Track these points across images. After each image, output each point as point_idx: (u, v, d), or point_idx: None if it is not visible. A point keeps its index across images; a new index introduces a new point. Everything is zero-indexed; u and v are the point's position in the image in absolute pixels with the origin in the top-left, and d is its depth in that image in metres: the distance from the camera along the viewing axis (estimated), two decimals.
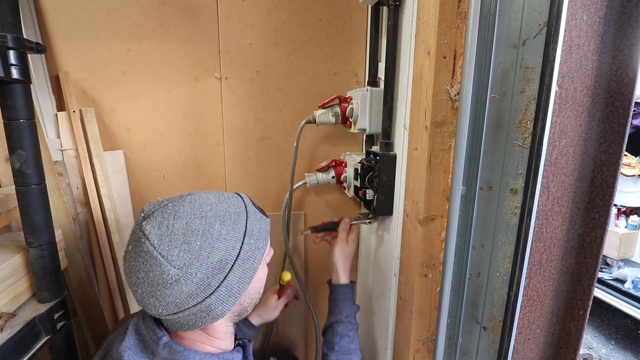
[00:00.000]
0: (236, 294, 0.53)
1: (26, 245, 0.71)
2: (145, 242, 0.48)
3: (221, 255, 0.51)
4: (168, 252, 0.48)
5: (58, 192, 0.87)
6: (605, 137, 0.58)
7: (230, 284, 0.52)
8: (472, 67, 0.62)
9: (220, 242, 0.51)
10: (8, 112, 0.65)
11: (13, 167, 0.67)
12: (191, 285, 0.48)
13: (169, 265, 0.48)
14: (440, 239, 0.74)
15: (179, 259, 0.48)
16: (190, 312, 0.50)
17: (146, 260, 0.48)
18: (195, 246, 0.49)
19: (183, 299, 0.49)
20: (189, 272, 0.48)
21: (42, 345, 0.69)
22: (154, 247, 0.48)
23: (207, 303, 0.50)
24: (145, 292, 0.49)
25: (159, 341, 0.53)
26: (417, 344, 0.81)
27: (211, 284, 0.50)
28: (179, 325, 0.53)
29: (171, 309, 0.50)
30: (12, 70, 0.63)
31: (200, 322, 0.53)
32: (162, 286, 0.48)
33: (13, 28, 0.63)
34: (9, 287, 0.68)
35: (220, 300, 0.52)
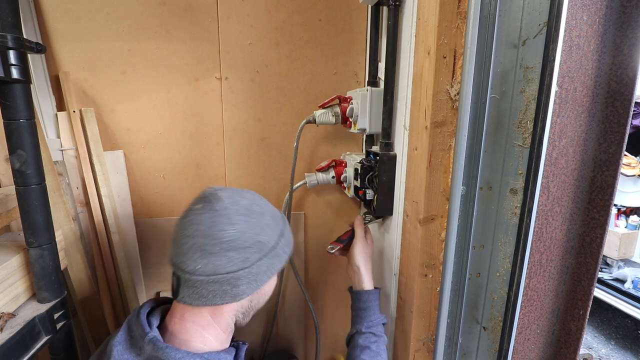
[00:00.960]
0: (260, 280, 0.58)
1: (26, 245, 0.71)
2: (218, 202, 0.56)
3: (265, 239, 0.57)
4: (232, 217, 0.55)
5: (58, 192, 0.87)
6: (605, 137, 0.58)
7: (260, 268, 0.57)
8: (472, 67, 0.62)
9: (268, 229, 0.59)
10: (8, 112, 0.65)
11: (13, 167, 0.67)
12: (236, 252, 0.54)
13: (230, 226, 0.54)
14: (440, 239, 0.74)
15: (239, 225, 0.55)
16: (221, 279, 0.54)
17: (212, 216, 0.54)
18: (253, 222, 0.57)
19: (223, 263, 0.54)
20: (241, 238, 0.55)
21: (42, 345, 0.69)
22: (224, 208, 0.55)
23: (238, 275, 0.55)
24: (197, 245, 0.54)
25: (145, 337, 0.54)
26: (417, 344, 0.81)
27: (249, 259, 0.55)
28: (198, 295, 0.55)
29: (208, 270, 0.53)
30: (12, 70, 0.63)
31: (220, 297, 0.55)
32: (216, 242, 0.53)
33: (13, 28, 0.63)
34: (9, 287, 0.68)
35: (247, 279, 0.56)
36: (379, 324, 0.79)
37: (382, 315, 0.80)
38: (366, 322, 0.78)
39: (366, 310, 0.79)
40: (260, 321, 1.19)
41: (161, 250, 1.06)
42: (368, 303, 0.80)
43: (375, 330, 0.77)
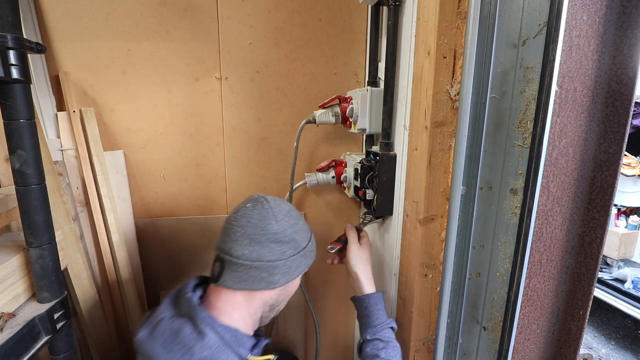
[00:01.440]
0: (291, 274, 0.68)
1: (26, 245, 0.71)
2: (266, 203, 0.68)
3: (299, 239, 0.69)
4: (277, 215, 0.67)
5: (58, 192, 0.87)
6: (605, 137, 0.58)
7: (293, 263, 0.67)
8: (472, 67, 0.62)
9: (301, 232, 0.70)
10: (8, 112, 0.65)
11: (13, 167, 0.67)
12: (276, 244, 0.65)
13: (275, 222, 0.66)
14: (440, 239, 0.74)
15: (282, 222, 0.67)
16: (261, 266, 0.64)
17: (262, 212, 0.66)
18: (292, 222, 0.68)
19: (266, 252, 0.64)
20: (283, 234, 0.66)
21: (42, 345, 0.69)
22: (271, 208, 0.67)
23: (275, 264, 0.65)
24: (246, 234, 0.64)
25: (185, 295, 0.65)
26: (417, 344, 0.81)
27: (286, 253, 0.66)
28: (239, 279, 0.64)
29: (253, 256, 0.64)
30: (12, 70, 0.63)
31: (257, 283, 0.65)
32: (263, 233, 0.64)
33: (13, 28, 0.62)
34: (9, 287, 0.67)
35: (282, 270, 0.66)
36: (384, 328, 0.76)
37: (388, 319, 0.78)
38: (371, 329, 0.76)
39: (369, 316, 0.77)
40: None
41: (161, 250, 1.06)
42: (370, 308, 0.78)
43: (381, 335, 0.74)
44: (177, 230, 1.06)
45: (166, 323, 0.62)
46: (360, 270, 0.81)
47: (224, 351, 0.60)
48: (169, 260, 1.08)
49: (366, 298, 0.79)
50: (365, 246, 0.85)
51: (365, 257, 0.83)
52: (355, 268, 0.82)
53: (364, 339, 0.76)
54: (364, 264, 0.82)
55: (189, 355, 0.57)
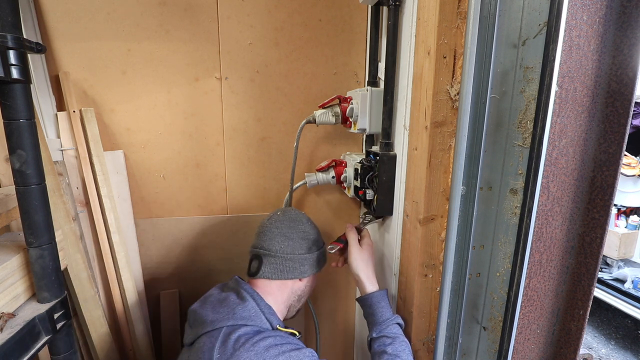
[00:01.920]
0: (315, 267, 0.85)
1: (26, 245, 0.71)
2: (294, 211, 0.89)
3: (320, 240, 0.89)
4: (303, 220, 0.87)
5: (58, 192, 0.87)
6: (605, 137, 0.58)
7: (317, 257, 0.85)
8: (472, 67, 0.62)
9: (320, 235, 0.90)
10: (8, 112, 0.65)
11: (13, 167, 0.67)
12: (305, 241, 0.84)
13: (304, 224, 0.86)
14: (440, 239, 0.74)
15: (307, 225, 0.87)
16: (294, 258, 0.81)
17: (292, 217, 0.86)
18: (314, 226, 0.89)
19: (297, 246, 0.82)
20: (309, 232, 0.86)
21: (42, 345, 0.69)
22: (298, 214, 0.88)
23: (305, 257, 0.82)
24: (282, 233, 0.82)
25: (234, 277, 0.83)
26: (417, 344, 0.81)
27: (312, 248, 0.85)
28: (273, 270, 0.80)
29: (288, 250, 0.81)
30: (12, 70, 0.63)
31: (291, 272, 0.81)
32: (295, 231, 0.83)
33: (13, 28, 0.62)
34: (9, 287, 0.67)
35: (309, 262, 0.83)
36: (390, 324, 0.76)
37: (393, 315, 0.79)
38: (376, 327, 0.77)
39: (374, 314, 0.78)
40: None
41: (161, 250, 1.07)
42: (373, 307, 0.79)
43: (387, 332, 0.75)
44: (177, 230, 1.06)
45: (215, 295, 0.78)
46: (362, 271, 0.82)
47: (259, 316, 0.73)
48: (169, 260, 1.08)
49: (369, 297, 0.80)
50: (366, 246, 0.86)
51: (366, 258, 0.84)
52: (357, 270, 0.82)
53: (371, 337, 0.77)
54: (365, 265, 0.83)
55: (232, 313, 0.71)
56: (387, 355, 0.72)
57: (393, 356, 0.71)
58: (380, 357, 0.72)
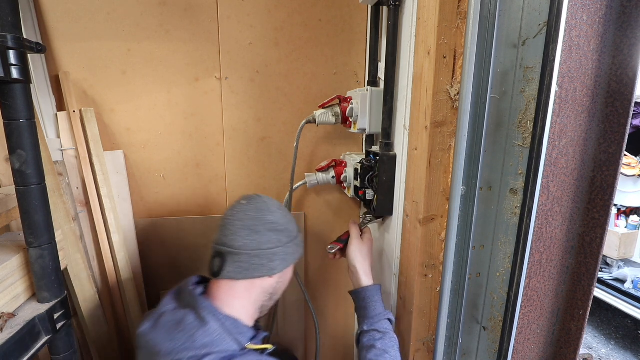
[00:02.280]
0: (287, 261, 0.73)
1: (26, 245, 0.71)
2: (260, 198, 0.74)
3: (292, 228, 0.75)
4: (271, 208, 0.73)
5: (58, 192, 0.87)
6: (605, 137, 0.58)
7: (289, 250, 0.73)
8: (472, 67, 0.62)
9: (292, 223, 0.76)
10: (8, 112, 0.65)
11: (13, 167, 0.67)
12: (272, 234, 0.70)
13: (270, 213, 0.71)
14: (440, 239, 0.74)
15: (276, 214, 0.72)
16: (260, 254, 0.69)
17: (258, 206, 0.72)
18: (284, 214, 0.74)
19: (264, 241, 0.69)
20: (278, 223, 0.71)
21: (42, 345, 0.69)
22: (264, 202, 0.73)
23: (273, 252, 0.70)
24: (246, 225, 0.69)
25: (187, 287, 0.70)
26: (417, 344, 0.81)
27: (281, 241, 0.71)
28: (240, 269, 0.68)
29: (253, 245, 0.68)
30: (12, 70, 0.63)
31: (258, 270, 0.69)
32: (260, 223, 0.70)
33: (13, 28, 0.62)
34: (9, 287, 0.67)
35: (279, 257, 0.71)
36: (381, 319, 0.76)
37: (385, 311, 0.78)
38: (368, 320, 0.76)
39: (366, 308, 0.78)
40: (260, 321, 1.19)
41: (161, 250, 1.06)
42: (367, 300, 0.78)
43: (378, 327, 0.75)
44: (177, 230, 1.06)
45: (169, 315, 0.65)
46: (359, 263, 0.82)
47: (224, 338, 0.62)
48: (169, 260, 1.08)
49: (363, 290, 0.80)
50: (367, 241, 0.86)
51: (365, 251, 0.84)
52: (354, 261, 0.82)
53: (361, 330, 0.76)
54: (363, 258, 0.83)
55: (191, 341, 0.60)
56: (376, 350, 0.71)
57: (382, 351, 0.71)
58: (369, 351, 0.71)
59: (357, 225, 0.90)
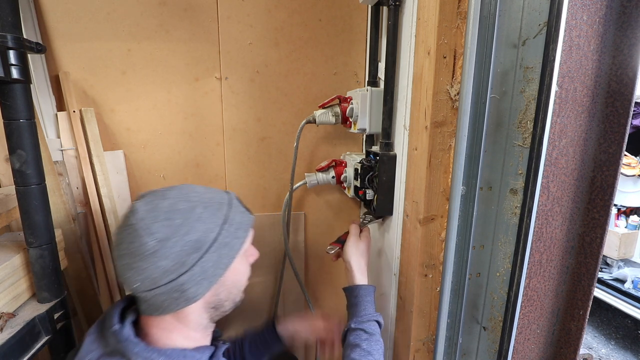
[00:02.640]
0: (210, 277, 0.55)
1: (26, 245, 0.71)
2: (133, 216, 0.53)
3: (199, 235, 0.53)
4: (150, 226, 0.52)
5: (58, 192, 0.87)
6: (605, 137, 0.58)
7: (206, 265, 0.54)
8: (472, 67, 0.62)
9: (200, 223, 0.54)
10: (8, 112, 0.65)
11: (13, 167, 0.67)
12: (167, 260, 0.51)
13: (148, 237, 0.51)
14: (440, 239, 0.74)
15: (159, 233, 0.51)
16: (164, 290, 0.52)
17: (130, 232, 0.52)
18: (176, 223, 0.53)
19: (159, 274, 0.51)
20: (166, 245, 0.51)
21: (42, 345, 0.69)
22: (138, 220, 0.52)
23: (180, 281, 0.52)
24: (126, 264, 0.52)
25: (110, 328, 0.54)
26: (417, 344, 0.81)
27: (186, 261, 0.52)
28: (153, 307, 0.54)
29: (147, 285, 0.52)
30: (12, 70, 0.63)
31: (175, 304, 0.54)
32: (140, 257, 0.51)
33: (13, 28, 0.63)
34: (9, 287, 0.68)
35: (194, 281, 0.53)
36: (370, 320, 0.74)
37: (376, 313, 0.77)
38: (356, 318, 0.74)
39: (357, 305, 0.77)
40: (260, 321, 1.19)
41: None
42: (358, 298, 0.77)
43: (366, 327, 0.73)
44: None
45: None
46: (354, 261, 0.82)
47: None
48: None
49: (356, 288, 0.79)
50: (364, 239, 0.86)
51: (361, 250, 0.84)
52: (350, 258, 0.82)
53: (348, 327, 0.74)
54: (359, 255, 0.82)
55: None
56: (361, 350, 0.69)
57: (366, 352, 0.69)
58: (353, 350, 0.69)
59: (357, 225, 0.90)
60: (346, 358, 0.70)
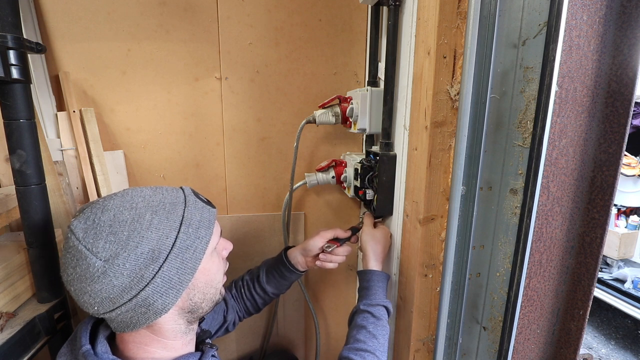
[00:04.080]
0: (176, 285, 0.51)
1: (26, 245, 0.71)
2: (72, 237, 0.47)
3: (153, 244, 0.48)
4: (93, 245, 0.46)
5: (58, 192, 0.87)
6: (605, 137, 0.58)
7: (167, 274, 0.49)
8: (472, 67, 0.62)
9: (151, 232, 0.49)
10: (8, 112, 0.65)
11: (13, 167, 0.67)
12: (122, 277, 0.47)
13: (94, 257, 0.46)
14: (440, 239, 0.74)
15: (105, 251, 0.46)
16: (128, 308, 0.48)
17: (73, 255, 0.47)
18: (122, 236, 0.47)
19: (116, 294, 0.47)
20: (116, 263, 0.46)
21: (42, 345, 0.69)
22: (79, 241, 0.47)
23: (143, 296, 0.48)
24: (78, 290, 0.48)
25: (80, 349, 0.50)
26: (417, 344, 0.81)
27: (144, 275, 0.48)
28: (123, 324, 0.51)
29: (107, 306, 0.48)
30: (12, 70, 0.63)
31: (144, 319, 0.50)
32: (90, 280, 0.46)
33: (13, 28, 0.63)
34: (9, 287, 0.68)
35: (159, 293, 0.49)
36: (379, 304, 0.74)
37: (386, 300, 0.77)
38: (365, 300, 0.75)
39: (368, 289, 0.78)
40: (260, 321, 1.19)
41: None
42: (370, 282, 0.79)
43: (374, 310, 0.73)
44: None
45: None
46: (370, 247, 0.84)
47: None
48: None
49: (369, 272, 0.81)
50: (380, 229, 0.89)
51: (378, 237, 0.86)
52: (366, 245, 0.85)
53: (357, 308, 0.75)
54: (374, 243, 0.85)
55: None
56: (367, 332, 0.70)
57: (371, 335, 0.69)
58: (359, 331, 0.70)
59: (371, 215, 0.94)
60: (351, 338, 0.70)
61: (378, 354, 0.68)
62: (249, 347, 1.20)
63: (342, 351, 0.69)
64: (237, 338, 1.17)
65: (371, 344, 0.68)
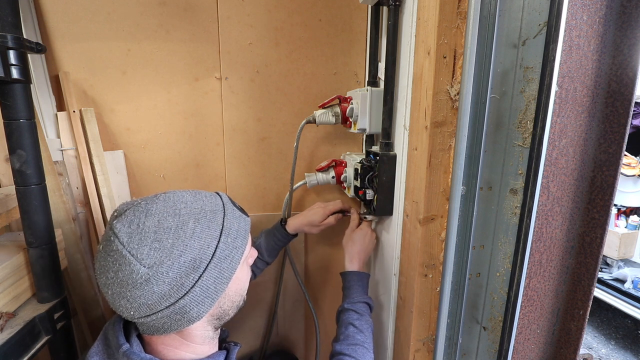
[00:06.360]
0: (213, 294, 0.51)
1: (26, 245, 0.71)
2: (115, 240, 0.47)
3: (195, 253, 0.49)
4: (138, 251, 0.46)
5: (58, 192, 0.87)
6: (605, 137, 0.58)
7: (206, 284, 0.50)
8: (472, 67, 0.62)
9: (194, 240, 0.49)
10: (8, 112, 0.65)
11: (13, 167, 0.67)
12: (163, 285, 0.47)
13: (138, 264, 0.46)
14: (440, 239, 0.74)
15: (149, 258, 0.46)
16: (164, 314, 0.49)
17: (115, 259, 0.47)
18: (167, 244, 0.47)
19: (155, 300, 0.47)
20: (159, 271, 0.46)
21: (42, 345, 0.69)
22: (123, 245, 0.46)
23: (181, 304, 0.48)
24: (116, 294, 0.48)
25: (119, 349, 0.51)
26: (417, 344, 0.81)
27: (185, 284, 0.48)
28: (153, 328, 0.51)
29: (143, 311, 0.48)
30: (12, 70, 0.63)
31: (176, 325, 0.51)
32: (132, 286, 0.46)
33: (13, 28, 0.63)
34: (9, 287, 0.68)
35: (196, 302, 0.50)
36: (359, 301, 0.81)
37: (365, 296, 0.84)
38: (348, 299, 0.82)
39: (349, 289, 0.85)
40: (260, 321, 1.19)
41: None
42: (350, 283, 0.85)
43: (356, 307, 0.80)
44: None
45: None
46: (348, 249, 0.92)
47: None
48: None
49: (348, 274, 0.88)
50: (359, 230, 0.95)
51: (355, 239, 0.93)
52: (345, 247, 0.94)
53: (342, 307, 0.82)
54: (351, 244, 0.92)
55: None
56: (353, 327, 0.76)
57: (358, 330, 0.76)
58: (347, 327, 0.77)
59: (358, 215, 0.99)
60: (340, 334, 0.76)
61: (366, 345, 0.75)
62: (249, 347, 1.20)
63: (335, 347, 0.74)
64: (237, 338, 1.17)
65: (359, 337, 0.75)
